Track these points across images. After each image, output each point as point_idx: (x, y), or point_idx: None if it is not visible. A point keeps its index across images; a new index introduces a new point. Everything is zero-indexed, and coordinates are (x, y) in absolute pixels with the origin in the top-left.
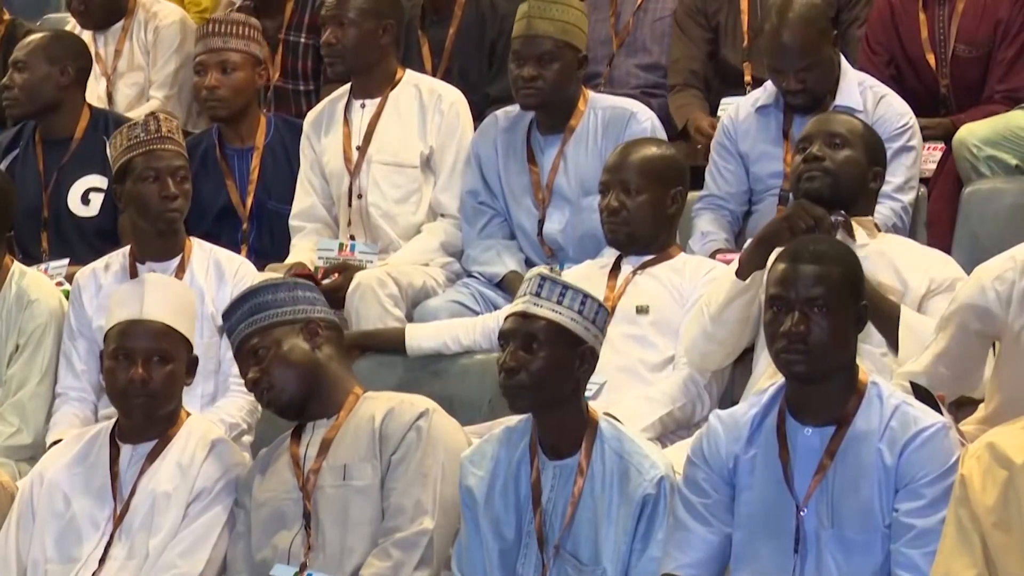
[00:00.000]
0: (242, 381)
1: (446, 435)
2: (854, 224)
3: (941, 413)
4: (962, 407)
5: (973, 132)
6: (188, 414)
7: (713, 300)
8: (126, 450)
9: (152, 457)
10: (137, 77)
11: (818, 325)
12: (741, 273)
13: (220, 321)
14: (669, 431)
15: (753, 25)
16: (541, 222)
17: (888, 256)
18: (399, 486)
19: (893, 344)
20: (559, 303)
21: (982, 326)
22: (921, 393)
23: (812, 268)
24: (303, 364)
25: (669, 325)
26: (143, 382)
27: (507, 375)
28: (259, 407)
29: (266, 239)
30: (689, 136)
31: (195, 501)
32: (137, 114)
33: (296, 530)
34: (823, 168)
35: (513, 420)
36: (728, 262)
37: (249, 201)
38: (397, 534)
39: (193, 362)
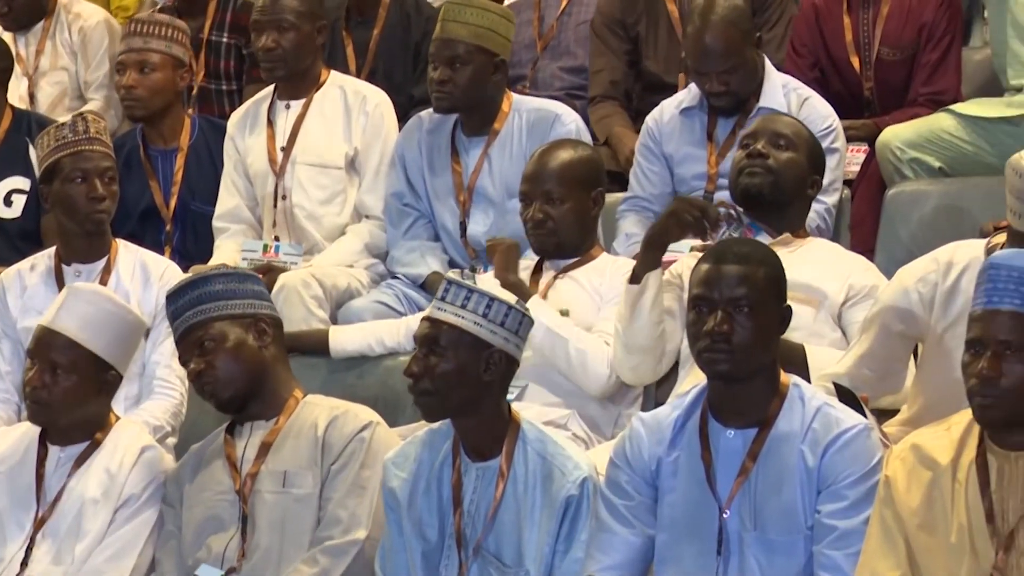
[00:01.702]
0: (167, 384)
1: (387, 448)
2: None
3: (864, 414)
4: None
5: (897, 134)
6: (117, 418)
7: (619, 314)
8: (53, 452)
9: (80, 461)
10: (60, 77)
11: (741, 325)
12: (634, 277)
13: (148, 323)
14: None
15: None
16: (463, 224)
17: (808, 261)
18: (336, 496)
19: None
20: (463, 307)
21: (905, 327)
22: (844, 394)
23: (736, 269)
24: (249, 361)
25: (591, 327)
26: (34, 388)
27: (413, 381)
28: (183, 410)
29: (190, 240)
30: (610, 145)
31: (123, 507)
32: (61, 114)
33: (231, 533)
34: (766, 166)
35: (438, 422)
36: None
37: (173, 202)
38: (328, 542)
39: (110, 380)
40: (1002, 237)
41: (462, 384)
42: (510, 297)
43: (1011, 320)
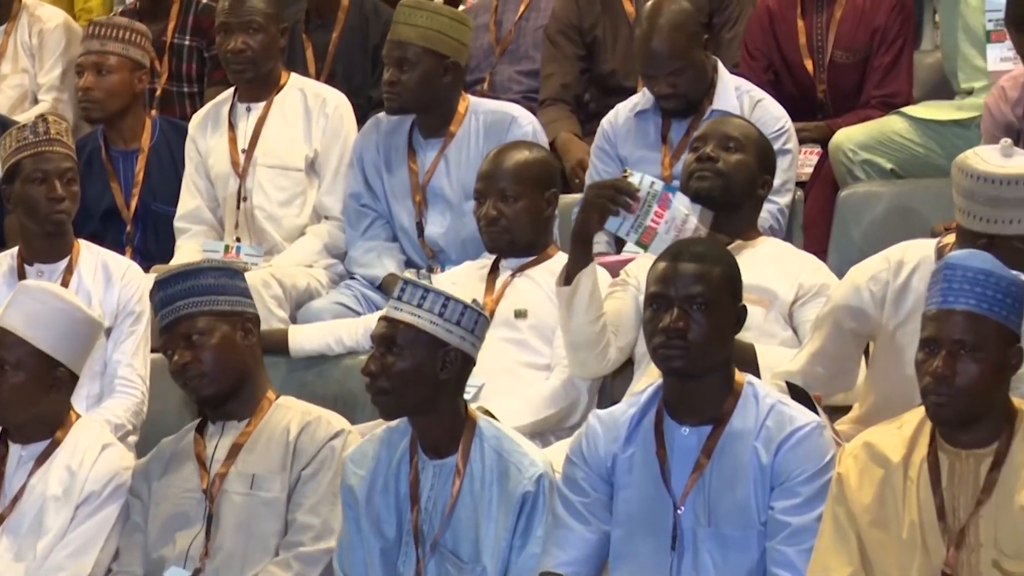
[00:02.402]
0: (128, 383)
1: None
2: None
3: (817, 412)
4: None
5: (849, 136)
6: (78, 416)
7: (559, 318)
8: (14, 450)
9: (41, 459)
10: (21, 79)
11: (697, 322)
12: (567, 278)
13: (107, 323)
14: (542, 432)
15: None
16: (420, 224)
17: (759, 261)
18: (307, 503)
19: None
20: (419, 306)
21: (857, 325)
22: (797, 392)
23: (692, 267)
24: (234, 359)
25: (547, 328)
26: None
27: (370, 379)
28: (144, 408)
29: (151, 241)
30: (556, 150)
31: (84, 504)
32: (21, 116)
33: (196, 531)
34: (715, 169)
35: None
36: (606, 265)
37: (133, 203)
38: (301, 548)
39: (60, 377)
40: (952, 237)
41: (418, 382)
42: (465, 297)
43: (966, 320)
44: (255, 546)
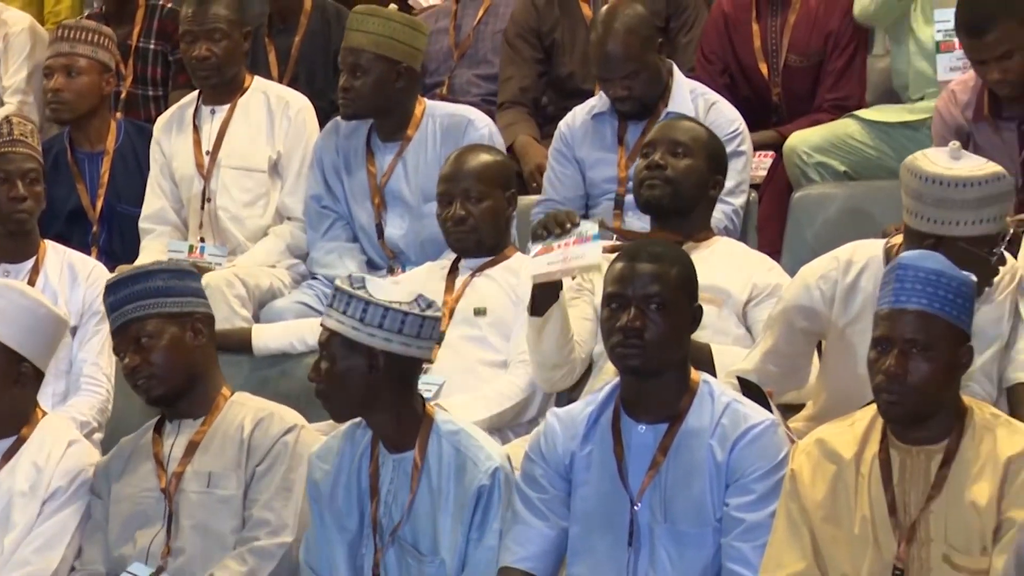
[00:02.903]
0: (94, 380)
1: (311, 451)
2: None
3: (770, 409)
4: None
5: (803, 139)
6: (44, 413)
7: (528, 337)
8: None
9: (8, 456)
10: None
11: (653, 322)
12: (537, 311)
13: (72, 323)
14: (498, 427)
15: None
16: (379, 226)
17: (713, 261)
18: (262, 498)
19: None
20: (344, 313)
21: (808, 324)
22: (751, 389)
23: (649, 267)
24: (183, 359)
25: (506, 326)
26: None
27: (315, 385)
28: (109, 406)
29: (116, 241)
30: (514, 153)
31: (50, 499)
32: None
33: (157, 530)
34: (664, 177)
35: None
36: None
37: (99, 204)
38: (256, 543)
39: (25, 373)
40: (900, 238)
41: (350, 386)
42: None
43: (917, 319)
44: (213, 543)
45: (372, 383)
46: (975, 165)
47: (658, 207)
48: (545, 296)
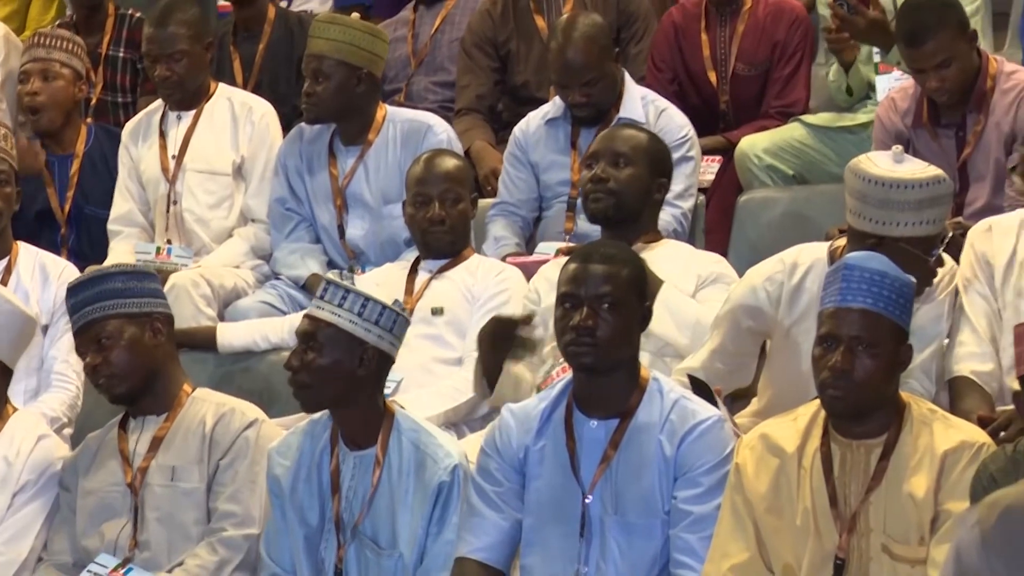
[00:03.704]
0: (63, 377)
1: (272, 445)
2: None
3: (717, 405)
4: (737, 400)
5: (754, 144)
6: (15, 409)
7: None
8: None
9: None
10: None
11: (605, 321)
12: (484, 393)
13: (43, 321)
14: (453, 422)
15: None
16: (341, 227)
17: (661, 262)
18: (226, 491)
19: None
20: (339, 306)
21: (754, 324)
22: (699, 386)
23: (601, 268)
24: (142, 358)
25: (462, 324)
26: None
27: (291, 375)
28: (79, 402)
29: (84, 242)
30: (471, 158)
31: (20, 492)
32: None
33: (123, 523)
34: (608, 189)
35: (318, 413)
36: (519, 264)
37: (67, 206)
38: (224, 534)
39: None
40: (843, 240)
41: (337, 378)
42: (385, 298)
43: (863, 318)
44: (177, 535)
45: (358, 378)
46: (917, 168)
47: (604, 219)
48: (490, 372)
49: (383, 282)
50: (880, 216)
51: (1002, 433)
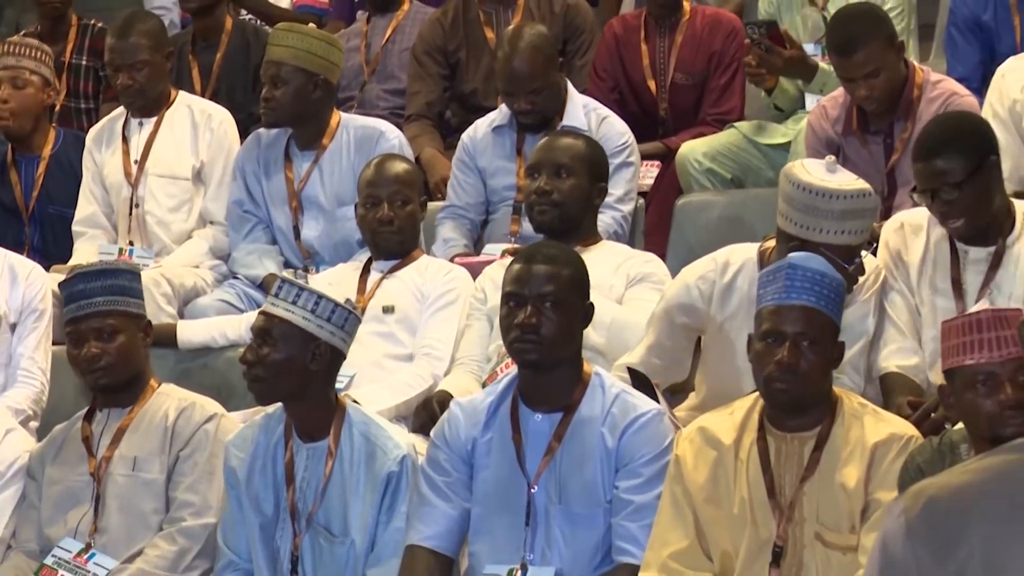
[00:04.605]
0: (30, 373)
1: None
2: None
3: (657, 398)
4: (675, 394)
5: (693, 149)
6: None
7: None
8: None
9: None
10: None
11: (548, 318)
12: (424, 430)
13: (12, 320)
14: (404, 415)
15: None
16: (296, 228)
17: (598, 263)
18: (186, 481)
19: None
20: (293, 303)
21: (688, 320)
22: (639, 379)
23: (544, 268)
24: (135, 358)
25: (412, 322)
26: None
27: (246, 368)
28: (44, 397)
29: (49, 241)
30: (421, 165)
31: None
32: None
33: (85, 510)
34: (551, 201)
35: (272, 407)
36: (467, 264)
37: (32, 205)
38: (183, 523)
39: None
40: (772, 242)
41: (290, 372)
42: (337, 296)
43: (807, 315)
44: (137, 523)
45: (310, 373)
46: (845, 180)
47: (549, 230)
48: (425, 419)
49: (336, 281)
50: (804, 221)
51: (933, 414)
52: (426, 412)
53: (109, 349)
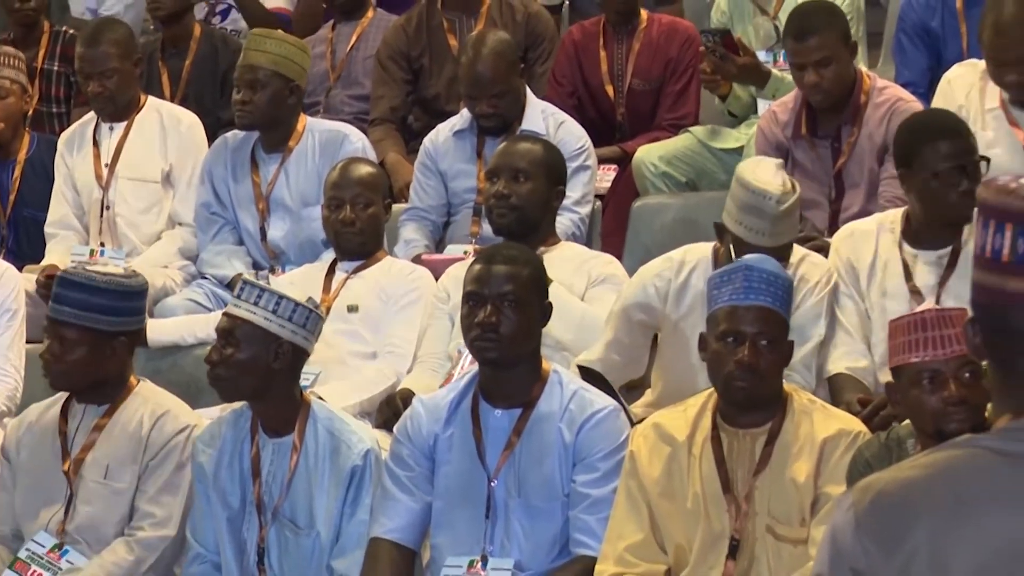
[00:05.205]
0: (3, 371)
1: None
2: None
3: (610, 393)
4: (631, 390)
5: (650, 153)
6: None
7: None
8: None
9: None
10: None
11: (508, 317)
12: (387, 426)
13: None
14: (368, 412)
15: None
16: (263, 229)
17: (557, 264)
18: (150, 492)
19: None
20: (255, 304)
21: (644, 317)
22: (593, 376)
23: (504, 268)
24: (93, 367)
25: (376, 321)
26: None
27: (210, 368)
28: (19, 393)
29: (23, 243)
30: (385, 169)
31: None
32: None
33: (57, 508)
34: (509, 205)
35: (239, 403)
36: (433, 262)
37: (8, 210)
38: (140, 533)
39: None
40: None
41: (253, 371)
42: (299, 296)
43: (765, 314)
44: (108, 528)
45: (273, 371)
46: (780, 181)
47: (508, 233)
48: (387, 419)
49: (297, 281)
50: (739, 217)
51: (882, 412)
52: (389, 409)
53: (63, 357)
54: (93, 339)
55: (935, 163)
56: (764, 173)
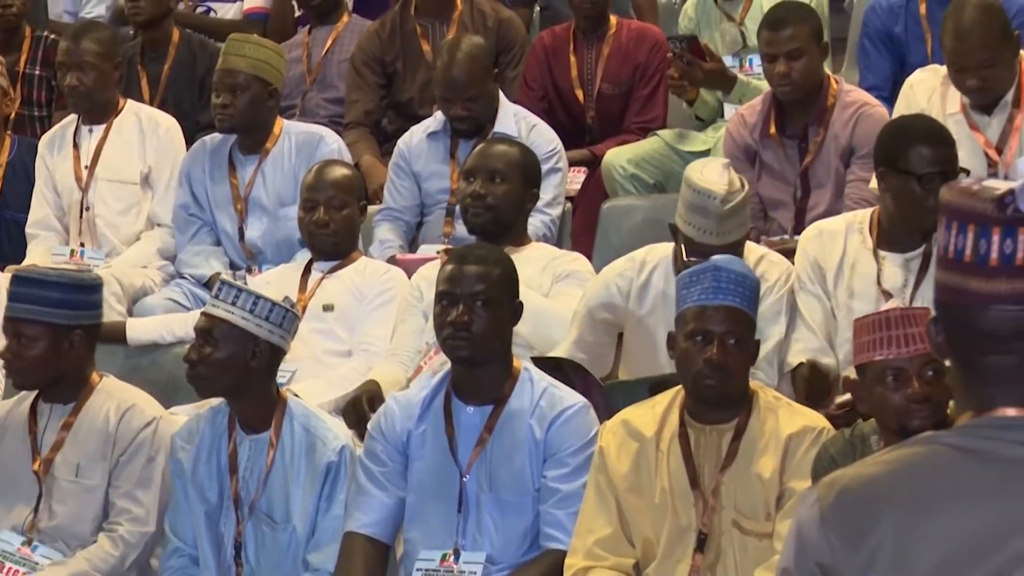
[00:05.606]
0: None
1: (173, 433)
2: None
3: (570, 382)
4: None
5: (619, 155)
6: None
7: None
8: None
9: None
10: None
11: (479, 316)
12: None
13: None
14: (342, 408)
15: None
16: (241, 229)
17: (527, 263)
18: (124, 487)
19: None
20: (233, 304)
21: (608, 316)
22: (557, 367)
23: (476, 268)
24: (52, 363)
25: (351, 320)
26: None
27: (189, 367)
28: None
29: (5, 244)
30: (360, 171)
31: None
32: None
33: (27, 508)
34: (485, 205)
35: (217, 401)
36: (408, 261)
37: None
38: (121, 529)
39: None
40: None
41: (231, 370)
42: (276, 296)
43: (733, 314)
44: (81, 525)
45: (250, 370)
46: (725, 181)
47: (483, 233)
48: (355, 420)
49: (274, 281)
50: (687, 217)
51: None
52: (355, 413)
53: (21, 354)
54: (50, 334)
55: (920, 166)
56: (710, 173)
